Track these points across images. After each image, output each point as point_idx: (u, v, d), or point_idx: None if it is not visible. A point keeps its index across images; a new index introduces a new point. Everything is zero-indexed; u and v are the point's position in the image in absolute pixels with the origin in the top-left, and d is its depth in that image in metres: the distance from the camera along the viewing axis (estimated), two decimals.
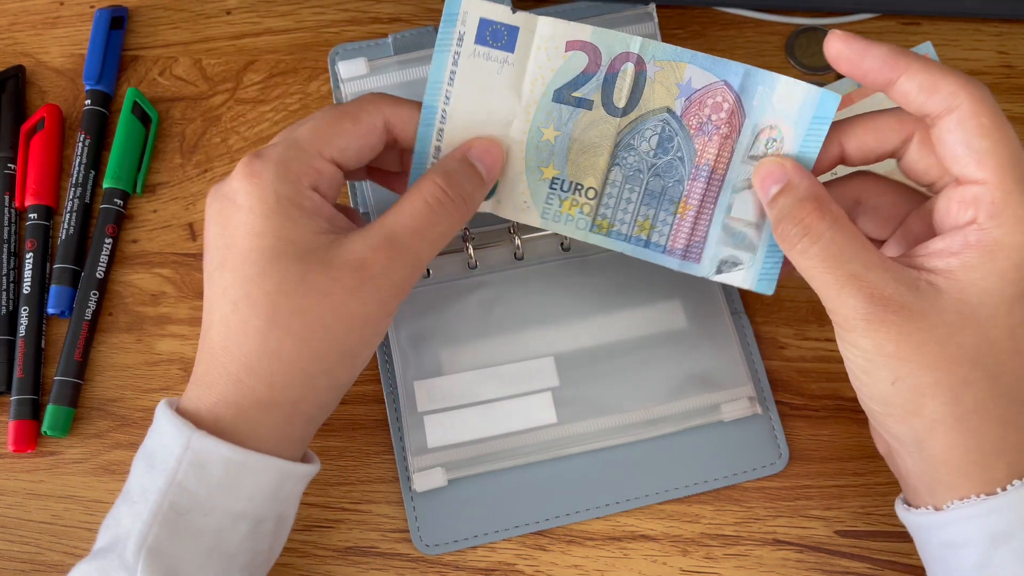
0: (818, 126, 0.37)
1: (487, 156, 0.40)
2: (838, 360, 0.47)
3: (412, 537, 0.44)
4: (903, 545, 0.44)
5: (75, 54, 0.55)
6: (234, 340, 0.37)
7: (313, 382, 0.38)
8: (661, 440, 0.46)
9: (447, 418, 0.46)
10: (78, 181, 0.51)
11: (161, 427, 0.38)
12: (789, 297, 0.49)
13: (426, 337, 0.47)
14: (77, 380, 0.48)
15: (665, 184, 0.39)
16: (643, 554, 0.44)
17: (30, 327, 0.49)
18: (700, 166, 0.39)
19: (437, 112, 0.39)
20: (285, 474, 0.38)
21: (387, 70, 0.47)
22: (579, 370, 0.47)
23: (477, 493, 0.45)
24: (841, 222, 0.36)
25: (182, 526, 0.36)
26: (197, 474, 0.36)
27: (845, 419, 0.46)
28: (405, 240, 0.38)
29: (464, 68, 0.39)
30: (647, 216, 0.39)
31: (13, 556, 0.46)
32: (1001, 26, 0.52)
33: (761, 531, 0.44)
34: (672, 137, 0.39)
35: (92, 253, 0.50)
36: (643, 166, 0.39)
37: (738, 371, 0.46)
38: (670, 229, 0.39)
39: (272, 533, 0.39)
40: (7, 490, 0.47)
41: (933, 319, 0.35)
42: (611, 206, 0.40)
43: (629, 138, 0.39)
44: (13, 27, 0.56)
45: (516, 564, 0.44)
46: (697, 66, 0.38)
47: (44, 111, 0.52)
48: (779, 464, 0.45)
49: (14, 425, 0.47)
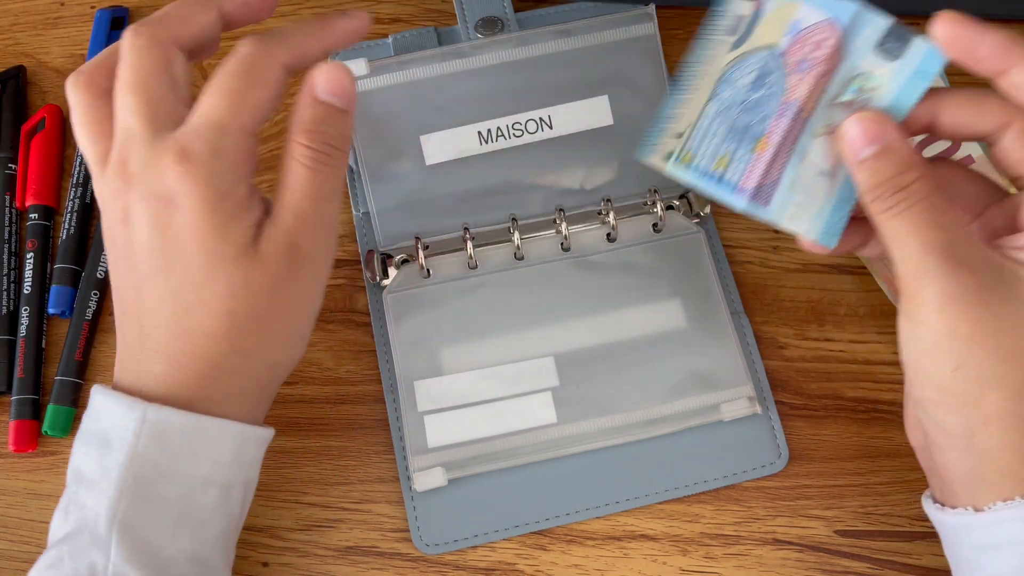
0: (916, 82, 0.36)
1: (335, 85, 0.37)
2: (838, 360, 0.48)
3: (412, 537, 0.45)
4: (903, 545, 0.44)
5: (76, 54, 0.55)
6: (193, 344, 0.37)
7: (278, 368, 0.40)
8: (661, 440, 0.46)
9: (447, 418, 0.46)
10: (79, 181, 0.51)
11: (108, 407, 0.37)
12: (789, 297, 0.49)
13: (426, 337, 0.47)
14: (78, 380, 0.48)
15: (751, 120, 0.38)
16: (643, 554, 0.44)
17: (31, 327, 0.49)
18: (788, 104, 0.37)
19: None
20: (245, 437, 0.38)
21: (388, 70, 0.47)
22: (579, 370, 0.47)
23: (477, 493, 0.45)
24: (938, 193, 0.34)
25: (149, 497, 0.36)
26: (158, 444, 0.36)
27: (845, 419, 0.46)
28: (307, 209, 0.37)
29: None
30: (727, 151, 0.38)
31: (14, 556, 0.46)
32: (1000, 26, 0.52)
33: (761, 531, 0.45)
34: (770, 73, 0.38)
35: (93, 253, 0.50)
36: (736, 101, 0.38)
37: (738, 371, 0.46)
38: (744, 167, 0.38)
39: (241, 500, 0.39)
40: (8, 490, 0.47)
41: (1012, 308, 0.34)
42: (698, 139, 0.38)
43: (731, 72, 0.38)
44: (14, 27, 0.56)
45: (516, 564, 0.44)
46: (811, 5, 0.37)
47: (45, 111, 0.52)
48: (779, 464, 0.45)
49: (15, 425, 0.47)
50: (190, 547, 0.37)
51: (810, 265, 0.49)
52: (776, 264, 0.49)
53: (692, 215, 0.49)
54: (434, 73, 0.48)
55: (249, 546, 0.45)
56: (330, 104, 0.37)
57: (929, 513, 0.39)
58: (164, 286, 0.36)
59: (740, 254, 0.50)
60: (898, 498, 0.45)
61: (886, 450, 0.46)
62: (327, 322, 0.49)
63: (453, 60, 0.48)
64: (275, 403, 0.45)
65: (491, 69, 0.48)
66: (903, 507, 0.45)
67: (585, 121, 0.48)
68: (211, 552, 0.38)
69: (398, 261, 0.49)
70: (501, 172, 0.49)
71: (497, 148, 0.48)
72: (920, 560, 0.44)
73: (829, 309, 0.48)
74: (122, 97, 0.36)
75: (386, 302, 0.48)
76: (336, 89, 0.37)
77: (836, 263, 0.49)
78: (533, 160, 0.49)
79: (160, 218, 0.36)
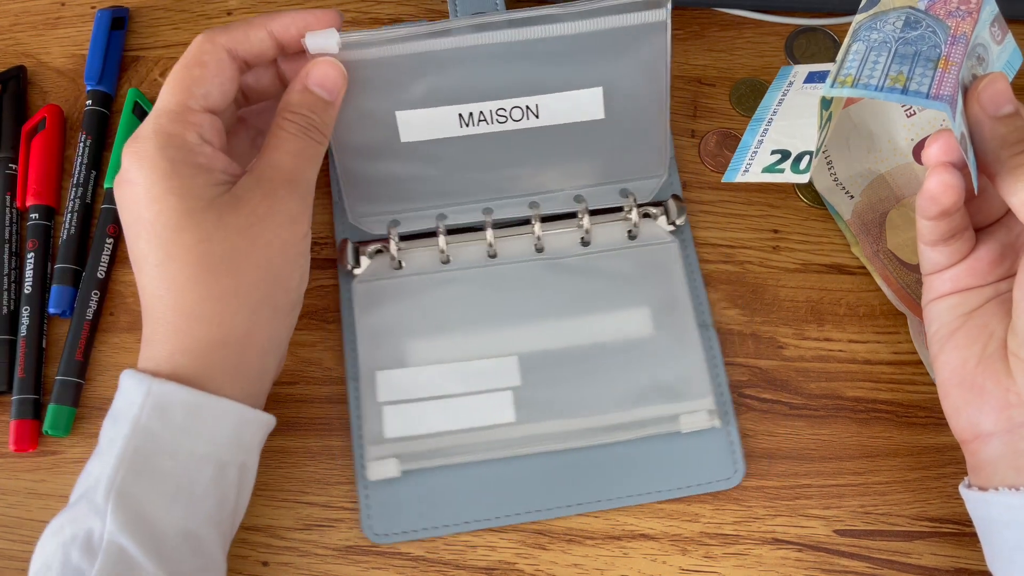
0: (1006, 71, 0.38)
1: (324, 79, 0.42)
2: (837, 360, 0.48)
3: (362, 525, 0.45)
4: (902, 544, 0.44)
5: (76, 54, 0.55)
6: (171, 297, 0.39)
7: (257, 314, 0.40)
8: (618, 447, 0.45)
9: (406, 410, 0.46)
10: (79, 181, 0.51)
11: (124, 384, 0.40)
12: (789, 297, 0.49)
13: (393, 328, 0.48)
14: (78, 380, 0.48)
15: (919, 48, 0.38)
16: (643, 553, 0.44)
17: (31, 327, 0.49)
18: (957, 36, 0.38)
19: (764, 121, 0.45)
20: (244, 419, 0.40)
21: (371, 43, 0.43)
22: (542, 372, 0.47)
23: (431, 486, 0.45)
24: None
25: (148, 468, 0.38)
26: (159, 418, 0.38)
27: (844, 419, 0.46)
28: (290, 165, 0.41)
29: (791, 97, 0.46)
30: (900, 72, 0.38)
31: (14, 555, 0.46)
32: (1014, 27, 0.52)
33: (760, 530, 0.45)
34: (919, 21, 0.39)
35: (93, 253, 0.50)
36: (890, 38, 0.39)
37: (700, 383, 0.46)
38: (931, 80, 0.38)
39: (236, 483, 0.40)
40: (8, 489, 0.47)
41: None
42: (854, 68, 0.39)
43: (870, 23, 0.39)
44: (14, 27, 0.56)
45: (516, 563, 0.44)
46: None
47: (45, 111, 0.53)
48: (734, 479, 0.45)
49: (15, 425, 0.47)
50: (183, 522, 0.38)
51: (810, 265, 0.49)
52: (776, 264, 0.50)
53: (669, 223, 0.49)
54: (418, 50, 0.44)
55: (249, 546, 0.45)
56: (317, 94, 0.42)
57: (991, 499, 0.39)
58: (139, 253, 0.40)
59: (740, 254, 0.50)
60: (898, 498, 0.45)
61: (886, 450, 0.46)
62: (327, 322, 0.49)
63: (439, 39, 0.44)
64: (275, 403, 0.45)
65: (479, 50, 0.44)
66: (903, 507, 0.45)
67: (574, 113, 0.46)
68: (205, 531, 0.39)
69: (371, 251, 0.49)
70: (479, 157, 0.48)
71: (477, 132, 0.46)
72: (920, 560, 0.44)
73: (829, 309, 0.49)
74: None
75: (355, 291, 0.48)
76: (324, 82, 0.42)
77: (836, 263, 0.49)
78: (514, 149, 0.47)
79: (125, 199, 0.40)
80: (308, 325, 0.48)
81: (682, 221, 0.49)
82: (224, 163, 0.41)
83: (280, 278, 0.41)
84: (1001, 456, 0.39)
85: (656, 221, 0.49)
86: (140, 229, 0.40)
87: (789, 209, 0.51)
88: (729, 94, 0.53)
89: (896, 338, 0.48)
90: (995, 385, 0.39)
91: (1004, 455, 0.39)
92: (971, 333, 0.40)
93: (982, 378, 0.39)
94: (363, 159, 0.47)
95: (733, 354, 0.48)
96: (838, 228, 0.50)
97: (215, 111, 0.41)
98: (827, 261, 0.49)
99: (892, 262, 0.48)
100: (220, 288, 0.39)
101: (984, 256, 0.40)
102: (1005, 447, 0.39)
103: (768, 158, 0.42)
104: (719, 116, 0.53)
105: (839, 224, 0.50)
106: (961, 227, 0.40)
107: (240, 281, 0.40)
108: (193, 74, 0.40)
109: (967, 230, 0.40)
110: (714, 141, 0.52)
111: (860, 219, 0.49)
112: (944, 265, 0.41)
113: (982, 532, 0.40)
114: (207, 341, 0.40)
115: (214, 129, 0.41)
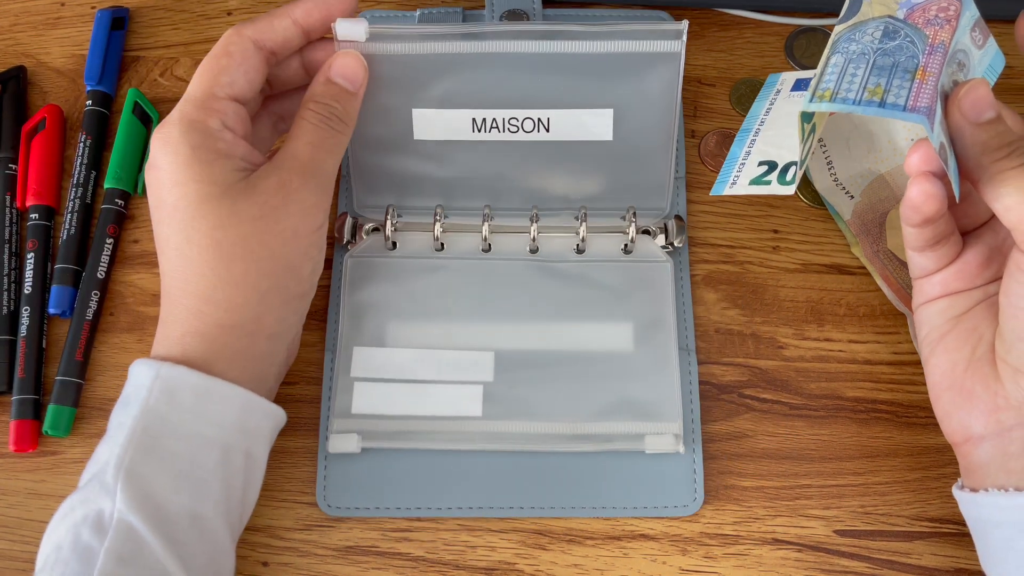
0: (988, 76, 0.38)
1: (347, 70, 0.43)
2: (837, 360, 0.48)
3: (317, 497, 0.45)
4: (902, 545, 0.44)
5: (76, 55, 0.55)
6: (188, 280, 0.40)
7: (267, 299, 0.41)
8: (580, 457, 0.45)
9: (376, 388, 0.46)
10: (79, 181, 0.51)
11: (134, 371, 0.41)
12: (789, 297, 0.49)
13: (377, 307, 0.48)
14: (78, 380, 0.48)
15: (897, 59, 0.39)
16: (643, 553, 0.44)
17: (31, 327, 0.49)
18: (935, 45, 0.38)
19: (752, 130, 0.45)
20: (250, 404, 0.41)
21: (398, 38, 0.44)
22: (516, 371, 0.47)
23: (390, 467, 0.45)
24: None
25: (156, 449, 0.39)
26: (167, 400, 0.39)
27: (844, 419, 0.46)
28: (308, 156, 0.42)
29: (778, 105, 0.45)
30: (878, 84, 0.39)
31: (15, 556, 0.46)
32: (1000, 26, 0.52)
33: (760, 530, 0.45)
34: (897, 31, 0.39)
35: (93, 253, 0.50)
36: (868, 50, 0.39)
37: (671, 406, 0.46)
38: (908, 91, 0.38)
39: (243, 470, 0.41)
40: (8, 490, 0.47)
41: None
42: (832, 81, 0.39)
43: (849, 34, 0.39)
44: (14, 28, 0.56)
45: (516, 563, 0.44)
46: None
47: (45, 111, 0.53)
48: (692, 507, 0.45)
49: (15, 425, 0.47)
50: (189, 503, 0.39)
51: (810, 265, 0.49)
52: (776, 264, 0.50)
53: (667, 243, 0.49)
54: (442, 51, 0.45)
55: (249, 546, 0.45)
56: (340, 84, 0.43)
57: (989, 501, 0.39)
58: (161, 236, 0.41)
59: (740, 254, 0.50)
60: (898, 498, 0.45)
61: (885, 450, 0.46)
62: (328, 322, 0.49)
63: (465, 41, 0.45)
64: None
65: (500, 58, 0.45)
66: (902, 507, 0.45)
67: (583, 132, 0.47)
68: (211, 514, 0.40)
69: (368, 228, 0.49)
70: (487, 163, 0.48)
71: (488, 139, 0.47)
72: (920, 560, 0.44)
73: (829, 309, 0.49)
74: None
75: (346, 264, 0.49)
76: (347, 74, 0.43)
77: (836, 263, 0.49)
78: (522, 159, 0.48)
79: (151, 184, 0.41)
80: (309, 325, 0.48)
81: (680, 243, 0.49)
82: (245, 150, 0.42)
83: (291, 268, 0.42)
84: (991, 459, 0.39)
85: (654, 239, 0.49)
86: (163, 214, 0.41)
87: (789, 209, 0.51)
88: (729, 94, 0.53)
89: (896, 338, 0.48)
90: (984, 389, 0.39)
91: (994, 458, 0.39)
92: (960, 337, 0.40)
93: (971, 382, 0.39)
94: (374, 152, 0.48)
95: (733, 354, 0.48)
96: (838, 228, 0.50)
97: (240, 100, 0.42)
98: (827, 261, 0.49)
99: (892, 262, 0.48)
100: (233, 274, 0.40)
101: (972, 259, 0.40)
102: (995, 450, 0.39)
103: (755, 170, 0.42)
104: (719, 116, 0.53)
105: (839, 224, 0.50)
106: (946, 232, 0.40)
107: (251, 268, 0.40)
108: (220, 63, 0.42)
109: (953, 235, 0.40)
110: (714, 141, 0.52)
111: (860, 219, 0.49)
112: (932, 269, 0.41)
113: (975, 532, 0.40)
114: (218, 324, 0.40)
115: (238, 117, 0.42)
